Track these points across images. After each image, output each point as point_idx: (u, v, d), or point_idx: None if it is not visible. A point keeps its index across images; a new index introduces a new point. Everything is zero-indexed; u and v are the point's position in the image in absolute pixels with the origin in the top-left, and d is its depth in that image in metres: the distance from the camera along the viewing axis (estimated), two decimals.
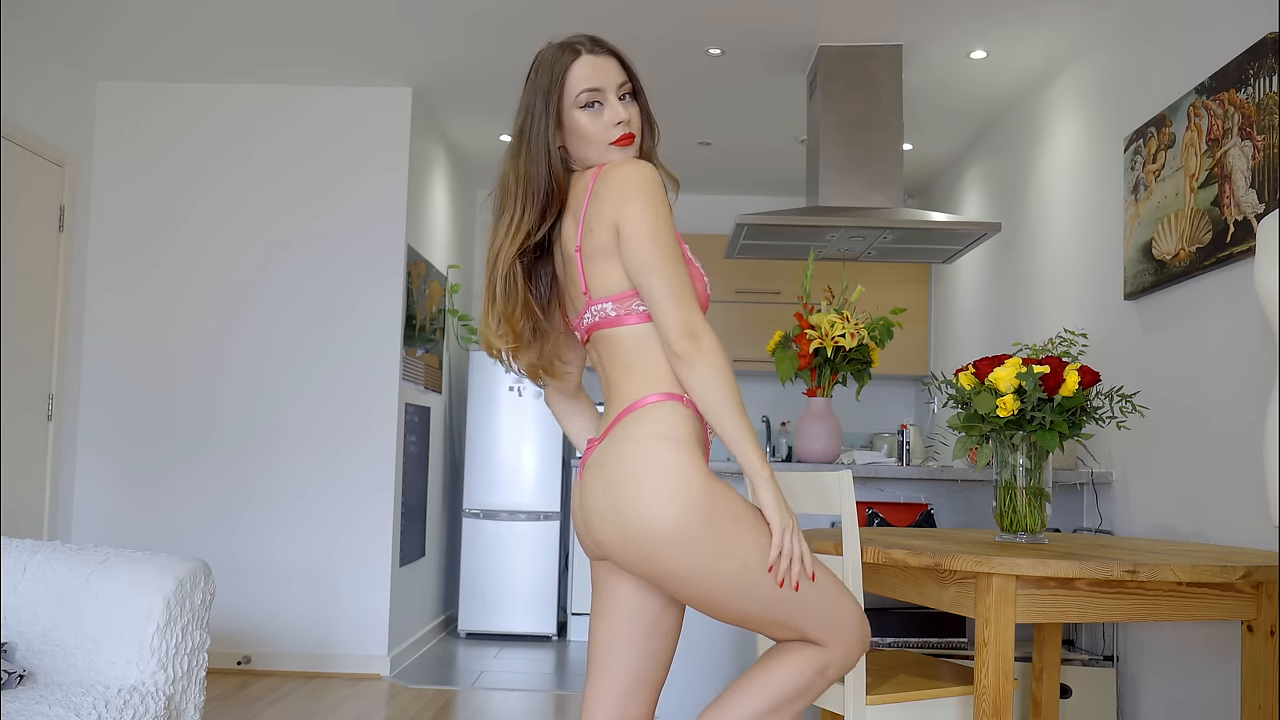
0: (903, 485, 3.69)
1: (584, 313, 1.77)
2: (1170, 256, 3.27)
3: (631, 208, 1.69)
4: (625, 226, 1.69)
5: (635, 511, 1.66)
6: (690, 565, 1.66)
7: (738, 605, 1.71)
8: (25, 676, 2.29)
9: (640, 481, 1.66)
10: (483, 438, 5.98)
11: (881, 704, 2.30)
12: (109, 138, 4.98)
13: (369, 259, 4.97)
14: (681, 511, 1.64)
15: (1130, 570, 2.16)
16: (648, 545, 1.66)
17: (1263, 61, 2.83)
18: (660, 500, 1.64)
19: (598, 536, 1.74)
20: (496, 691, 4.63)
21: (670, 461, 1.66)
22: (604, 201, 1.71)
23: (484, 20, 4.21)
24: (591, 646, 1.87)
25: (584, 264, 1.74)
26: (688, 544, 1.65)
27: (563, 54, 1.93)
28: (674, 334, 1.65)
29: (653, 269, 1.67)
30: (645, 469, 1.66)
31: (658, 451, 1.67)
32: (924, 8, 3.99)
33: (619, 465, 1.69)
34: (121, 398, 4.91)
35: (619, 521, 1.68)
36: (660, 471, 1.66)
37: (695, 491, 1.65)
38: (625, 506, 1.66)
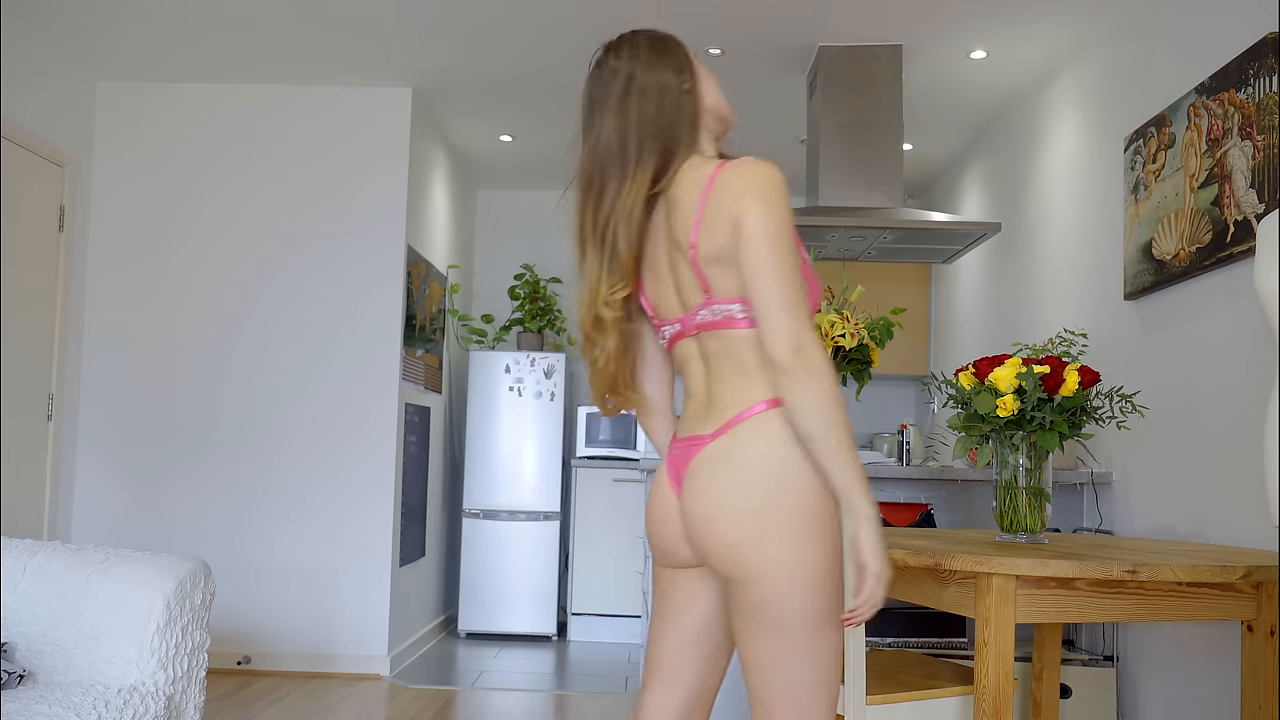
0: (903, 485, 3.69)
1: (698, 310, 1.71)
2: (1170, 256, 3.27)
3: (755, 209, 1.64)
4: (746, 228, 1.64)
5: (761, 506, 1.64)
6: (791, 569, 1.63)
7: (801, 633, 1.65)
8: (25, 676, 2.29)
9: (768, 480, 1.64)
10: (483, 438, 5.98)
11: (881, 704, 2.30)
12: (109, 138, 4.98)
13: (369, 259, 4.97)
14: (798, 516, 1.64)
15: (1130, 570, 2.16)
16: (759, 542, 1.62)
17: (1263, 61, 2.83)
18: (787, 502, 1.63)
19: (709, 538, 1.67)
20: (496, 691, 4.63)
21: (798, 468, 1.64)
22: (728, 199, 1.66)
23: (484, 21, 4.22)
24: (655, 656, 1.82)
25: (700, 263, 1.68)
26: (799, 550, 1.63)
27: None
28: (780, 345, 1.59)
29: (768, 276, 1.62)
30: (774, 470, 1.65)
31: (794, 459, 1.64)
32: (924, 8, 3.99)
33: (749, 467, 1.65)
34: (122, 398, 4.91)
35: (746, 518, 1.63)
36: (788, 474, 1.64)
37: (814, 501, 1.64)
38: (755, 504, 1.64)
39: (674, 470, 1.76)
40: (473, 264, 6.81)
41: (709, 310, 1.71)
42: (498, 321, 6.71)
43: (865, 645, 2.76)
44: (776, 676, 1.67)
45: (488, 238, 6.87)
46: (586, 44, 4.35)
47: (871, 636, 3.47)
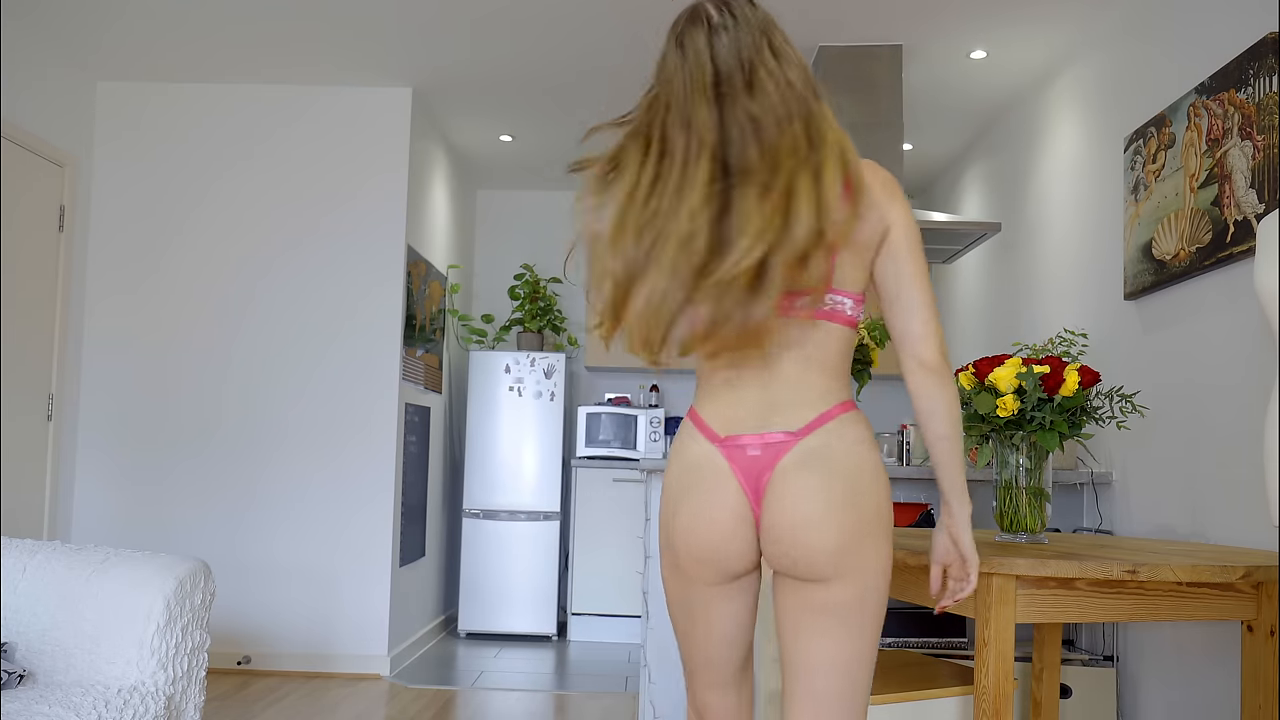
0: (903, 485, 3.69)
1: (801, 295, 1.62)
2: (1170, 256, 3.27)
3: (906, 213, 1.67)
4: (898, 229, 1.66)
5: (863, 505, 1.64)
6: (880, 564, 1.67)
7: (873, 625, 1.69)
8: (25, 676, 2.29)
9: (868, 480, 1.65)
10: (483, 438, 5.98)
11: (881, 704, 2.30)
12: (109, 138, 4.98)
13: (369, 259, 4.97)
14: (888, 514, 1.68)
15: (1130, 570, 2.16)
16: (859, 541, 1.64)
17: (1263, 61, 2.83)
18: (882, 502, 1.67)
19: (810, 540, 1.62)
20: (496, 691, 4.63)
21: (884, 471, 1.70)
22: (876, 194, 1.65)
23: (485, 21, 4.22)
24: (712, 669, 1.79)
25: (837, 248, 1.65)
26: (886, 545, 1.68)
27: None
28: (934, 346, 1.66)
29: (920, 277, 1.66)
30: (874, 470, 1.67)
31: (877, 457, 1.69)
32: (924, 8, 3.99)
33: (850, 467, 1.64)
34: (122, 398, 4.91)
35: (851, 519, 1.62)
36: (882, 474, 1.68)
37: (890, 503, 1.71)
38: (858, 504, 1.63)
39: (749, 476, 1.65)
40: (473, 264, 6.81)
41: (821, 299, 1.64)
42: (498, 321, 6.71)
43: None
44: (844, 672, 1.67)
45: (488, 238, 6.87)
46: (587, 44, 4.37)
47: None
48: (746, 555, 1.69)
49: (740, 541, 1.67)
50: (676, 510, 1.70)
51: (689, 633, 1.78)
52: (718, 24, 1.62)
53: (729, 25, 1.62)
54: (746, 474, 1.65)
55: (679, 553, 1.71)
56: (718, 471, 1.66)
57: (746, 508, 1.65)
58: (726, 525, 1.66)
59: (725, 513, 1.66)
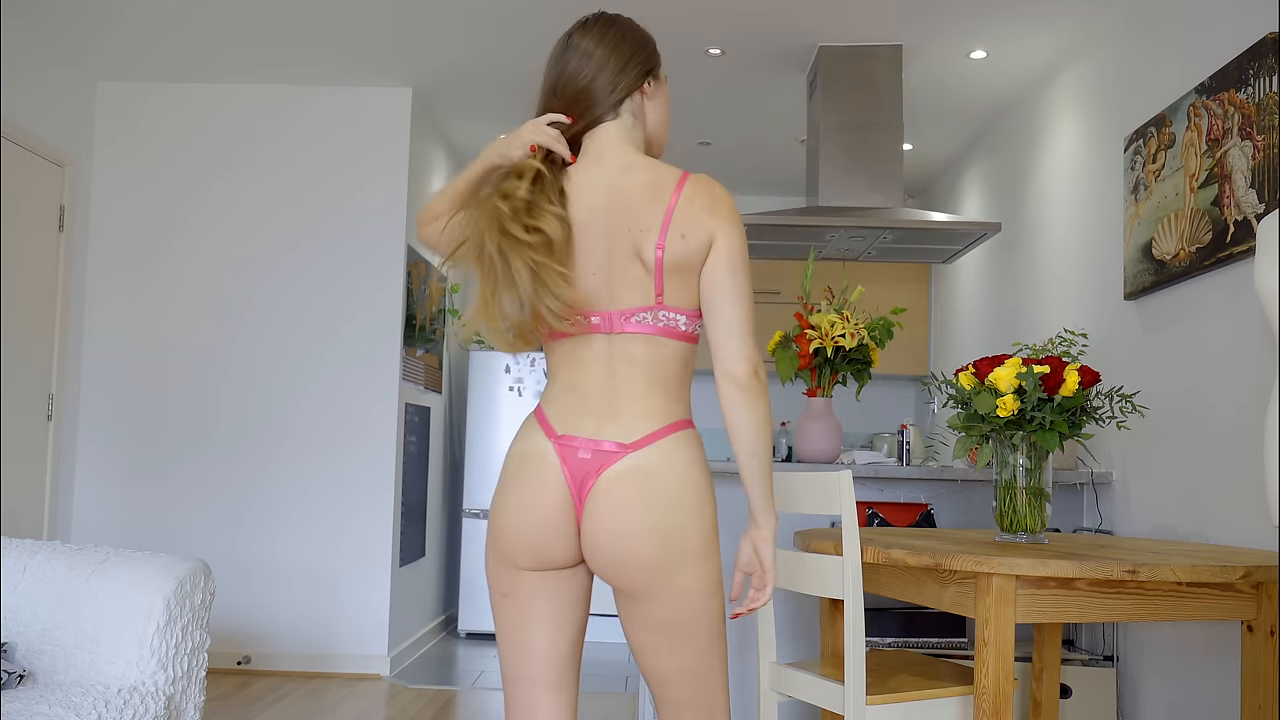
0: (903, 485, 3.69)
1: (639, 311, 1.69)
2: (1170, 256, 3.27)
3: (731, 229, 1.70)
4: (720, 245, 1.69)
5: (683, 526, 1.68)
6: (702, 585, 1.71)
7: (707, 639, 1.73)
8: (25, 676, 2.29)
9: (690, 502, 1.69)
10: (483, 438, 5.98)
11: (881, 704, 2.30)
12: (109, 138, 4.98)
13: (369, 259, 4.97)
14: (710, 535, 1.72)
15: (1130, 570, 2.16)
16: (678, 561, 1.68)
17: (1263, 61, 2.83)
18: (705, 524, 1.71)
19: (626, 556, 1.67)
20: (496, 691, 4.63)
21: (711, 490, 1.74)
22: (700, 212, 1.69)
23: (484, 21, 4.22)
24: (537, 665, 1.78)
25: (665, 265, 1.68)
26: (707, 566, 1.72)
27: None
28: (743, 364, 1.67)
29: (737, 297, 1.69)
30: (698, 493, 1.70)
31: (706, 478, 1.73)
32: (924, 8, 3.99)
33: (674, 488, 1.68)
34: (122, 398, 4.91)
35: (670, 539, 1.67)
36: (708, 497, 1.72)
37: (716, 519, 1.75)
38: (678, 525, 1.68)
39: (575, 475, 1.69)
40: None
41: (653, 315, 1.70)
42: None
43: (865, 645, 2.76)
44: (691, 680, 1.74)
45: None
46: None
47: (871, 636, 3.47)
48: (564, 549, 1.72)
49: (560, 533, 1.71)
50: (505, 496, 1.74)
51: (507, 617, 1.79)
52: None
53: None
54: (573, 473, 1.69)
55: (502, 537, 1.74)
56: (547, 463, 1.71)
57: (570, 505, 1.70)
58: (548, 513, 1.70)
59: (548, 500, 1.70)
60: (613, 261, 1.70)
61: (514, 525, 1.72)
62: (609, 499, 1.67)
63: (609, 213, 1.71)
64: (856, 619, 2.27)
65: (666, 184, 1.71)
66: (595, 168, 1.75)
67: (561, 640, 1.79)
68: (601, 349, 1.72)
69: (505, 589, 1.77)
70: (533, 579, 1.75)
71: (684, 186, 1.70)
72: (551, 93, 1.80)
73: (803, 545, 2.70)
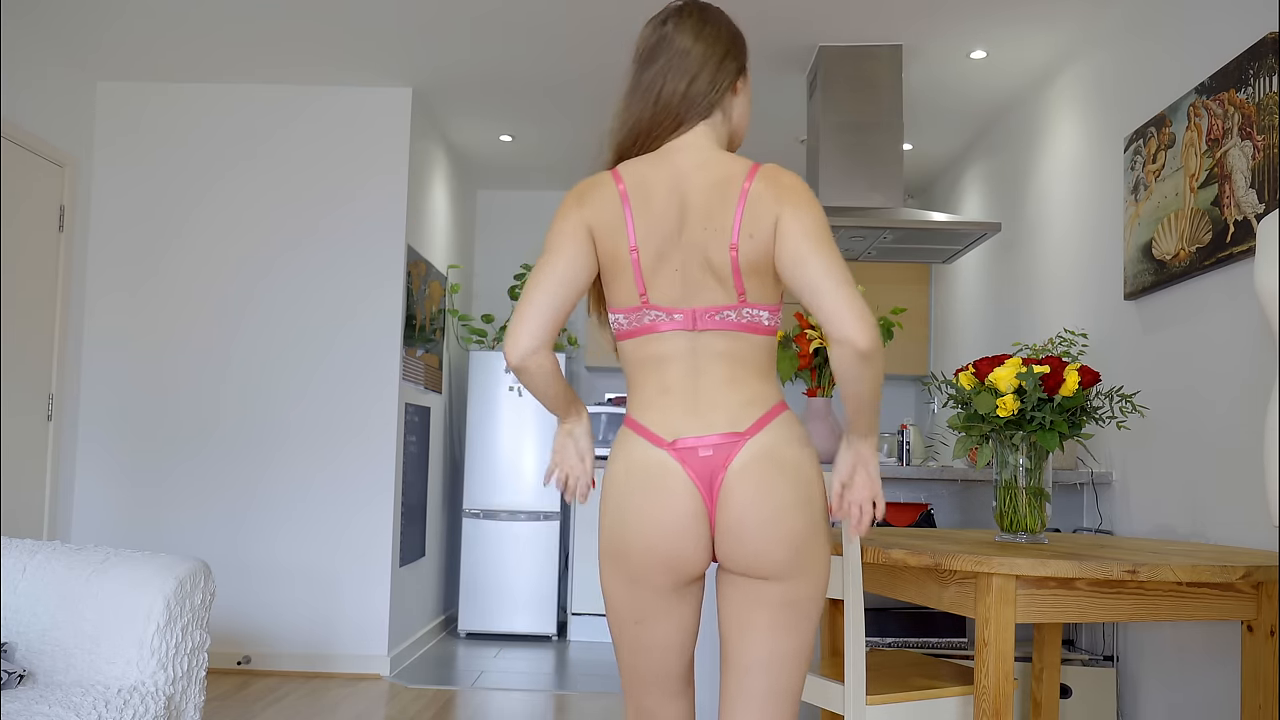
0: (903, 485, 3.69)
1: (723, 309, 1.70)
2: (1170, 256, 3.27)
3: (796, 209, 1.67)
4: (788, 224, 1.66)
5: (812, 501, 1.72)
6: (827, 559, 1.76)
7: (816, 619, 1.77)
8: (25, 676, 2.29)
9: (813, 478, 1.73)
10: (483, 438, 5.98)
11: (881, 704, 2.30)
12: (109, 138, 4.98)
13: (369, 259, 4.97)
14: (826, 511, 1.76)
15: (1130, 570, 2.16)
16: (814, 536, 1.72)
17: (1263, 61, 2.83)
18: (823, 500, 1.75)
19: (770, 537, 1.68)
20: (496, 691, 4.63)
21: (819, 465, 1.78)
22: (766, 205, 1.67)
23: (485, 21, 4.22)
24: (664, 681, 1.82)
25: (740, 264, 1.68)
26: (828, 542, 1.77)
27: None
28: (865, 332, 1.61)
29: (821, 261, 1.64)
30: (815, 469, 1.74)
31: (816, 458, 1.77)
32: (924, 8, 3.99)
33: (797, 465, 1.71)
34: (122, 398, 4.91)
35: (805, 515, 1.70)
36: (820, 473, 1.77)
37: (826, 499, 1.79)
38: (809, 500, 1.71)
39: (701, 476, 1.68)
40: (473, 264, 6.81)
41: (736, 312, 1.71)
42: (498, 321, 6.71)
43: (865, 645, 2.76)
44: (791, 666, 1.75)
45: (488, 238, 6.88)
46: (587, 44, 4.37)
47: (871, 636, 3.47)
48: (701, 556, 1.72)
49: (696, 542, 1.70)
50: (626, 514, 1.71)
51: (637, 642, 1.79)
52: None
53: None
54: (700, 475, 1.69)
55: (631, 557, 1.72)
56: (671, 474, 1.69)
57: (702, 507, 1.69)
58: (683, 526, 1.69)
59: (681, 513, 1.69)
60: (690, 261, 1.70)
61: (646, 540, 1.70)
62: (744, 489, 1.67)
63: (682, 212, 1.71)
64: (856, 619, 2.27)
65: (736, 180, 1.70)
66: (670, 164, 1.74)
67: (686, 657, 1.83)
68: (685, 346, 1.72)
69: (637, 616, 1.76)
70: (664, 602, 1.75)
71: (752, 182, 1.69)
72: (646, 97, 1.77)
73: None
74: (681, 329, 1.71)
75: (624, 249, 1.72)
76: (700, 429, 1.69)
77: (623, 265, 1.73)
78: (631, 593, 1.74)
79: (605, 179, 1.75)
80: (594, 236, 1.74)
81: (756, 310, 1.71)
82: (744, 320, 1.71)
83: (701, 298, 1.70)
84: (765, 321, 1.72)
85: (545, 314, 1.70)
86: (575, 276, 1.72)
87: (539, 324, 1.69)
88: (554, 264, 1.71)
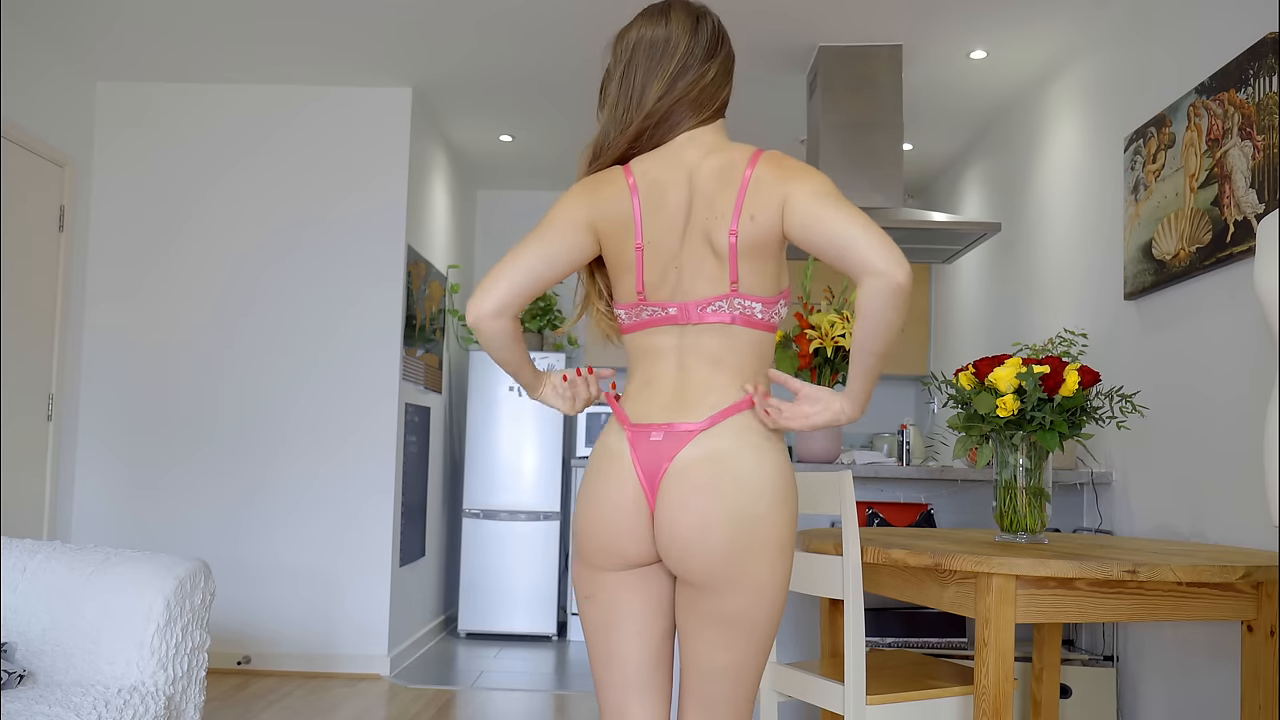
0: (903, 485, 3.69)
1: (714, 300, 1.67)
2: (1170, 256, 3.27)
3: (803, 182, 1.62)
4: (797, 196, 1.61)
5: (758, 515, 1.64)
6: (779, 573, 1.67)
7: (766, 636, 1.70)
8: (25, 676, 2.29)
9: (769, 492, 1.65)
10: (483, 438, 5.98)
11: (881, 704, 2.30)
12: (109, 137, 4.98)
13: (369, 259, 4.97)
14: (788, 526, 1.68)
15: (1130, 570, 2.16)
16: (751, 552, 1.64)
17: (1263, 61, 2.83)
18: (783, 513, 1.67)
19: (697, 546, 1.63)
20: (496, 691, 4.63)
21: (792, 478, 1.70)
22: (769, 187, 1.64)
23: (485, 21, 4.22)
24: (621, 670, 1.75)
25: (739, 249, 1.65)
26: (780, 559, 1.67)
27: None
28: (903, 263, 1.53)
29: (840, 213, 1.57)
30: (777, 481, 1.66)
31: (790, 468, 1.70)
32: (924, 8, 3.99)
33: (748, 472, 1.64)
34: (122, 398, 4.91)
35: (744, 528, 1.62)
36: (790, 488, 1.68)
37: (796, 512, 1.71)
38: (754, 513, 1.63)
39: (646, 464, 1.66)
40: (473, 264, 6.81)
41: (728, 304, 1.67)
42: None
43: (865, 645, 2.76)
44: (735, 678, 1.70)
45: (488, 238, 6.88)
46: (586, 44, 4.37)
47: (871, 636, 3.47)
48: (639, 544, 1.69)
49: (631, 529, 1.68)
50: (583, 495, 1.74)
51: (592, 621, 1.77)
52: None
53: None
54: (644, 462, 1.67)
55: (582, 537, 1.74)
56: (619, 459, 1.69)
57: (640, 496, 1.68)
58: (619, 511, 1.69)
59: (618, 499, 1.68)
60: (689, 253, 1.69)
61: (590, 523, 1.72)
62: (682, 489, 1.64)
63: (689, 206, 1.69)
64: (856, 619, 2.27)
65: (739, 165, 1.68)
66: (680, 161, 1.72)
67: (647, 643, 1.75)
68: (675, 341, 1.71)
69: (588, 591, 1.76)
70: (614, 580, 1.73)
71: (755, 167, 1.67)
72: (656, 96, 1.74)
73: (803, 545, 2.70)
74: (674, 323, 1.70)
75: (630, 247, 1.71)
76: (663, 418, 1.68)
77: (627, 263, 1.72)
78: (584, 570, 1.76)
79: (617, 174, 1.74)
80: (597, 232, 1.73)
81: (749, 301, 1.67)
82: (736, 312, 1.67)
83: (697, 290, 1.68)
84: (758, 314, 1.68)
85: (519, 283, 1.69)
86: (560, 261, 1.72)
87: (509, 290, 1.69)
88: (547, 241, 1.71)
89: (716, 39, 1.78)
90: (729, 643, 1.67)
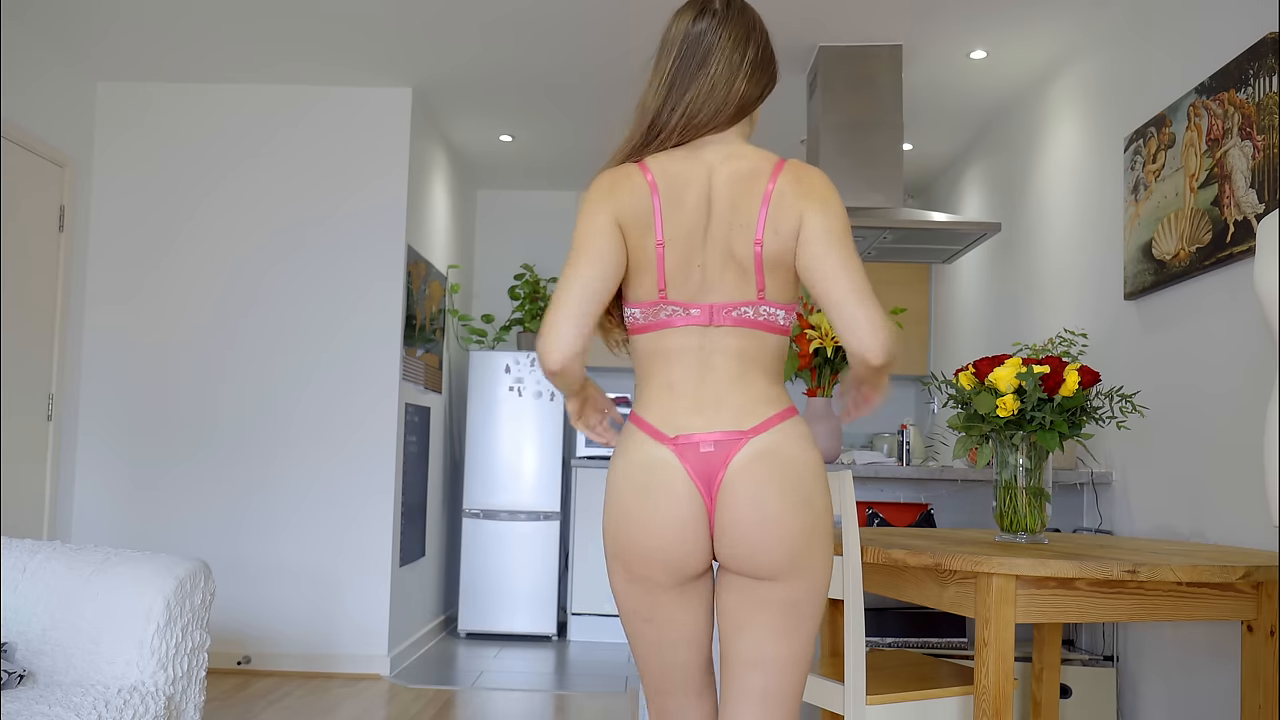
0: (903, 485, 3.69)
1: (740, 305, 1.70)
2: (1170, 256, 3.27)
3: (819, 208, 1.67)
4: (810, 225, 1.66)
5: (814, 502, 1.70)
6: (830, 558, 1.75)
7: (817, 625, 1.76)
8: (25, 676, 2.29)
9: (816, 478, 1.71)
10: (483, 438, 5.98)
11: (881, 704, 2.30)
12: (109, 138, 4.98)
13: (369, 259, 4.97)
14: (831, 514, 1.76)
15: (1130, 570, 2.16)
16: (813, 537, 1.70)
17: (1263, 61, 2.83)
18: (827, 501, 1.74)
19: (766, 535, 1.66)
20: (496, 691, 4.63)
21: (825, 470, 1.76)
22: (790, 201, 1.67)
23: (485, 22, 4.22)
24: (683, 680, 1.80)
25: (764, 260, 1.68)
26: (830, 543, 1.75)
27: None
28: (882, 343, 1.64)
29: (840, 269, 1.65)
30: (820, 471, 1.73)
31: (821, 460, 1.75)
32: (924, 8, 3.99)
33: (801, 465, 1.69)
34: (122, 398, 4.91)
35: (805, 515, 1.68)
36: (825, 476, 1.75)
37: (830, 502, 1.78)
38: (810, 501, 1.69)
39: (701, 474, 1.67)
40: (473, 264, 6.81)
41: (753, 309, 1.70)
42: (498, 321, 6.71)
43: (865, 645, 2.76)
44: (789, 668, 1.73)
45: (488, 238, 6.88)
46: (587, 45, 4.37)
47: (871, 636, 3.47)
48: (701, 555, 1.71)
49: (695, 541, 1.69)
50: (629, 513, 1.70)
51: (649, 641, 1.78)
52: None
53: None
54: (699, 472, 1.67)
55: (632, 556, 1.71)
56: (671, 472, 1.67)
57: (700, 506, 1.68)
58: (681, 524, 1.68)
59: (680, 511, 1.67)
60: (713, 255, 1.70)
61: (646, 541, 1.69)
62: (743, 487, 1.66)
63: (709, 207, 1.70)
64: (856, 619, 2.27)
65: (762, 175, 1.69)
66: (700, 160, 1.72)
67: (701, 651, 1.81)
68: (696, 342, 1.71)
69: (646, 615, 1.76)
70: (668, 599, 1.74)
71: (778, 177, 1.69)
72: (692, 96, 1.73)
73: None
74: (696, 324, 1.70)
75: (650, 243, 1.70)
76: (704, 425, 1.68)
77: (647, 260, 1.71)
78: (637, 591, 1.74)
79: (633, 170, 1.73)
80: (623, 230, 1.71)
81: (773, 308, 1.71)
82: (761, 318, 1.70)
83: (720, 293, 1.69)
84: (781, 320, 1.72)
85: (581, 318, 1.66)
86: (607, 274, 1.68)
87: (575, 328, 1.65)
88: (586, 265, 1.67)
89: (765, 59, 1.78)
90: (788, 630, 1.71)
